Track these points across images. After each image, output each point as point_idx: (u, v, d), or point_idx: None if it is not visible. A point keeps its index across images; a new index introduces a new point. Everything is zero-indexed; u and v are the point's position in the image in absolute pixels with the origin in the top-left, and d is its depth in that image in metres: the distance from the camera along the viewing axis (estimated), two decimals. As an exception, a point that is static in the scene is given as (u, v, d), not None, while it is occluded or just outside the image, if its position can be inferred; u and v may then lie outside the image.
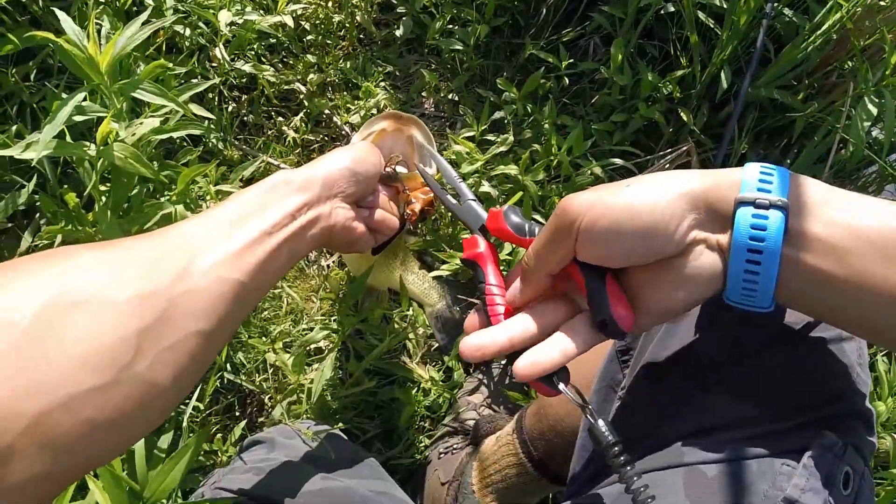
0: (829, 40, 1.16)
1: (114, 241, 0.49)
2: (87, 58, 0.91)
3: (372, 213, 0.73)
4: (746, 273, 0.46)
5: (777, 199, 0.45)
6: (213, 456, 1.05)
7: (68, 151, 0.91)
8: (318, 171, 0.65)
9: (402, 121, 0.87)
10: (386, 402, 1.12)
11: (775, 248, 0.45)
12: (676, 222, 0.47)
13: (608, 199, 0.48)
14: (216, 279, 0.50)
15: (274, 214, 0.58)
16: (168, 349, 0.46)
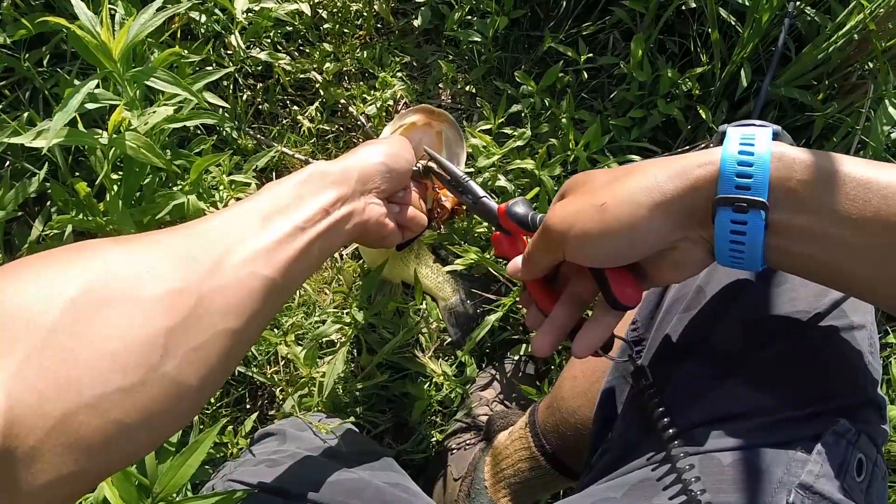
0: (851, 41, 1.15)
1: (144, 235, 0.49)
2: (100, 44, 0.89)
3: (403, 209, 0.73)
4: (732, 260, 0.48)
5: (755, 199, 0.44)
6: (223, 448, 1.05)
7: (80, 140, 0.90)
8: (353, 164, 0.64)
9: (434, 116, 0.86)
10: (398, 396, 1.11)
11: (756, 248, 0.45)
12: (654, 235, 0.48)
13: (585, 225, 0.50)
14: (248, 275, 0.49)
15: (308, 209, 0.57)
16: (196, 349, 0.45)
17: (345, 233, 0.62)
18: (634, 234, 0.48)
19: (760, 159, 0.44)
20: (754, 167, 0.44)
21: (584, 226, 0.50)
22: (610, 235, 0.48)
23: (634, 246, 0.49)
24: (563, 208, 0.52)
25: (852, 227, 0.43)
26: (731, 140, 0.46)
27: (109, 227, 0.95)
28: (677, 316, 0.65)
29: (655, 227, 0.47)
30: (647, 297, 0.72)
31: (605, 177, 0.52)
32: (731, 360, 0.58)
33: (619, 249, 0.49)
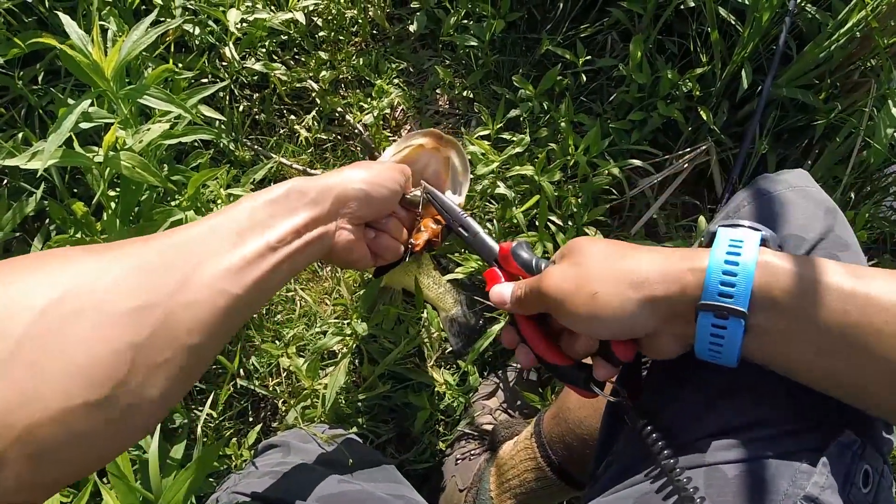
0: (853, 38, 1.13)
1: (116, 245, 0.49)
2: (92, 63, 0.89)
3: (379, 236, 0.73)
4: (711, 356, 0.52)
5: (737, 308, 0.48)
6: (227, 460, 1.05)
7: (74, 161, 0.89)
8: (332, 185, 0.65)
9: (443, 142, 0.86)
10: (400, 405, 1.11)
11: (733, 349, 0.49)
12: (640, 326, 0.52)
13: (577, 307, 0.54)
14: (216, 292, 0.50)
15: (281, 228, 0.58)
16: (161, 364, 0.46)
17: (314, 253, 0.62)
18: (621, 323, 0.52)
19: (745, 269, 0.48)
20: (738, 276, 0.48)
21: (575, 308, 0.54)
22: (598, 320, 0.53)
23: (621, 332, 0.53)
24: (560, 278, 0.56)
25: (829, 335, 0.46)
26: (720, 245, 0.50)
27: (107, 245, 0.95)
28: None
29: (641, 321, 0.52)
30: None
31: (600, 257, 0.56)
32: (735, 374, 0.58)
33: (607, 332, 0.54)
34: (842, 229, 0.62)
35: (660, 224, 1.25)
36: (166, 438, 0.99)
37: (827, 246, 0.60)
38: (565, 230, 1.15)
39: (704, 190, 1.28)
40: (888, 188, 1.25)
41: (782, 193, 0.65)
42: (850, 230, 0.63)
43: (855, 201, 1.22)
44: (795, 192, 0.65)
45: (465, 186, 0.87)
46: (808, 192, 0.65)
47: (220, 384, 1.07)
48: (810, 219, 0.62)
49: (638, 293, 0.52)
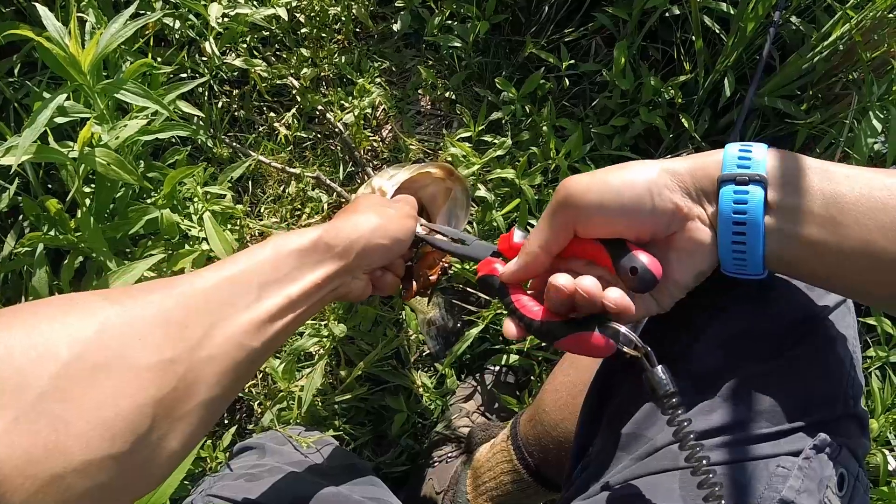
0: (836, 51, 1.14)
1: (138, 291, 0.49)
2: (69, 57, 0.87)
3: (384, 274, 0.73)
4: (734, 244, 0.50)
5: (755, 174, 0.48)
6: (202, 463, 1.04)
7: (49, 157, 0.88)
8: (357, 240, 0.64)
9: (452, 177, 0.87)
10: (378, 408, 1.11)
11: (757, 220, 0.48)
12: (666, 193, 0.51)
13: (604, 177, 0.52)
14: (236, 346, 0.51)
15: (305, 282, 0.58)
16: (182, 417, 0.47)
17: (327, 301, 0.63)
18: (648, 186, 0.51)
19: (758, 152, 0.50)
20: (752, 157, 0.49)
21: (602, 180, 0.52)
22: (628, 185, 0.51)
23: (647, 201, 0.51)
24: (577, 177, 0.53)
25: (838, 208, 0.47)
26: (731, 146, 0.51)
27: (81, 244, 0.93)
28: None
29: (666, 186, 0.51)
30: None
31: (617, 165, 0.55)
32: (711, 377, 0.58)
33: (633, 204, 0.51)
34: None
35: (640, 230, 1.25)
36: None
37: None
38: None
39: (685, 197, 1.28)
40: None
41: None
42: None
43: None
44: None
45: (464, 220, 0.87)
46: None
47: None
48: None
49: (661, 165, 0.52)
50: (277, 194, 1.17)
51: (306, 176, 1.16)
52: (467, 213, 0.90)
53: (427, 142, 1.24)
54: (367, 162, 1.21)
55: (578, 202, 0.52)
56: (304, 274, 0.59)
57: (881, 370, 1.13)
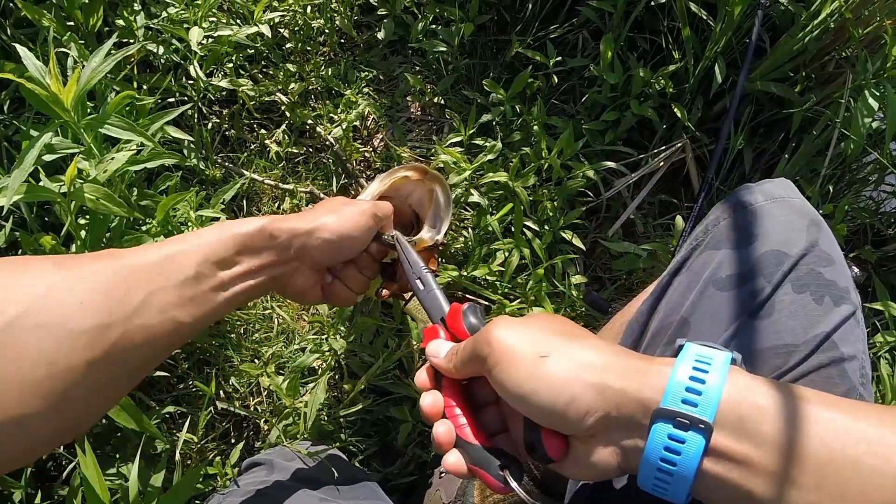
0: (827, 29, 1.11)
1: (86, 260, 0.51)
2: (51, 95, 0.88)
3: (334, 282, 0.74)
4: (655, 483, 0.43)
5: (700, 418, 0.40)
6: (212, 481, 1.06)
7: (39, 196, 0.89)
8: (301, 233, 0.65)
9: (428, 176, 0.87)
10: (383, 419, 1.11)
11: (687, 473, 0.41)
12: (577, 415, 0.44)
13: (519, 366, 0.47)
14: (167, 319, 0.54)
15: (240, 267, 0.60)
16: (109, 380, 0.51)
17: (265, 289, 0.65)
18: (561, 401, 0.45)
19: (714, 378, 0.42)
20: (704, 388, 0.41)
21: (517, 366, 0.47)
22: (537, 390, 0.46)
23: (555, 414, 0.45)
24: (510, 327, 0.49)
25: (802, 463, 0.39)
26: (687, 354, 0.44)
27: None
28: (660, 348, 0.64)
29: (582, 408, 0.44)
30: (630, 325, 0.70)
31: (559, 324, 0.50)
32: None
33: (539, 409, 0.46)
34: (826, 243, 0.59)
35: (637, 224, 1.24)
36: (147, 464, 1.00)
37: (811, 262, 0.58)
38: (541, 235, 1.14)
39: (681, 188, 1.26)
40: (867, 179, 1.24)
41: (763, 205, 0.62)
42: (835, 244, 0.60)
43: (833, 193, 1.21)
44: (777, 203, 0.62)
45: (446, 223, 0.87)
46: (790, 203, 0.62)
47: (200, 406, 1.07)
48: (793, 232, 0.59)
49: (591, 375, 0.45)
50: (272, 211, 1.18)
51: (300, 191, 1.17)
52: (449, 213, 0.89)
53: (419, 148, 1.23)
54: (360, 173, 1.21)
55: (493, 376, 0.48)
56: (241, 259, 0.60)
57: (890, 353, 1.11)
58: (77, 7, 1.04)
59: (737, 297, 0.60)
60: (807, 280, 0.57)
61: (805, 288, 0.57)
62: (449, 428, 0.53)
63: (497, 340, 0.48)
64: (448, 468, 0.53)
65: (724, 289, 0.61)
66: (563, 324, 0.51)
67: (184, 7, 1.09)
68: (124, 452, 1.02)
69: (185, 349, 1.08)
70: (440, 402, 0.55)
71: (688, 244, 0.68)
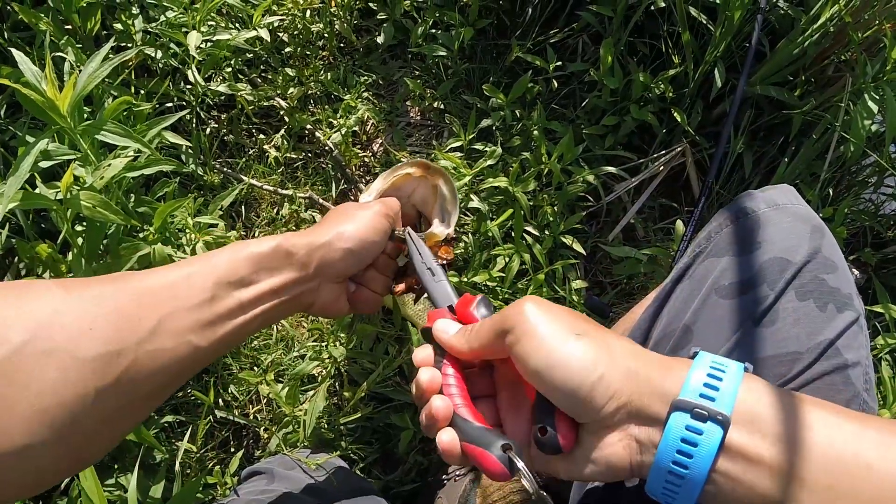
0: (827, 33, 1.11)
1: (94, 283, 0.49)
2: (47, 101, 0.87)
3: (359, 289, 0.72)
4: (667, 483, 0.43)
5: (718, 410, 0.41)
6: (212, 490, 1.05)
7: (35, 203, 0.88)
8: (319, 246, 0.63)
9: (430, 171, 0.85)
10: (384, 426, 1.11)
11: (703, 468, 0.41)
12: (606, 398, 0.44)
13: (553, 337, 0.45)
14: (182, 343, 0.51)
15: (259, 287, 0.57)
16: (120, 409, 0.48)
17: (290, 310, 0.62)
18: (589, 378, 0.44)
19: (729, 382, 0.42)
20: (723, 381, 0.42)
21: (547, 339, 0.46)
22: (567, 364, 0.44)
23: (580, 389, 0.44)
24: (539, 305, 0.48)
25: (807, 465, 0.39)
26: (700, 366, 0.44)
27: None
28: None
29: (609, 393, 0.44)
30: (632, 332, 0.69)
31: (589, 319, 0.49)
32: None
33: (565, 380, 0.44)
34: (829, 250, 0.59)
35: (638, 228, 1.23)
36: (147, 475, 0.99)
37: (814, 269, 0.58)
38: (542, 240, 1.14)
39: (681, 192, 1.26)
40: (866, 182, 1.24)
41: (766, 212, 0.62)
42: (838, 250, 0.60)
43: (833, 196, 1.21)
44: (780, 210, 0.62)
45: (455, 216, 0.85)
46: (793, 209, 0.62)
47: (199, 415, 1.06)
48: (796, 239, 0.59)
49: (623, 360, 0.45)
50: (271, 217, 1.17)
51: (299, 197, 1.16)
52: (457, 206, 0.87)
53: (418, 153, 1.23)
54: (360, 178, 1.20)
55: (516, 351, 0.47)
56: (259, 279, 0.58)
57: (891, 356, 1.11)
58: (74, 11, 1.03)
59: (740, 305, 0.59)
60: (810, 287, 0.57)
61: (808, 295, 0.57)
62: (447, 403, 0.51)
63: (530, 312, 0.47)
64: (441, 446, 0.50)
65: (727, 296, 0.60)
66: (585, 317, 0.50)
67: (182, 11, 1.08)
68: (123, 463, 1.01)
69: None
70: (439, 379, 0.53)
71: (690, 251, 0.68)
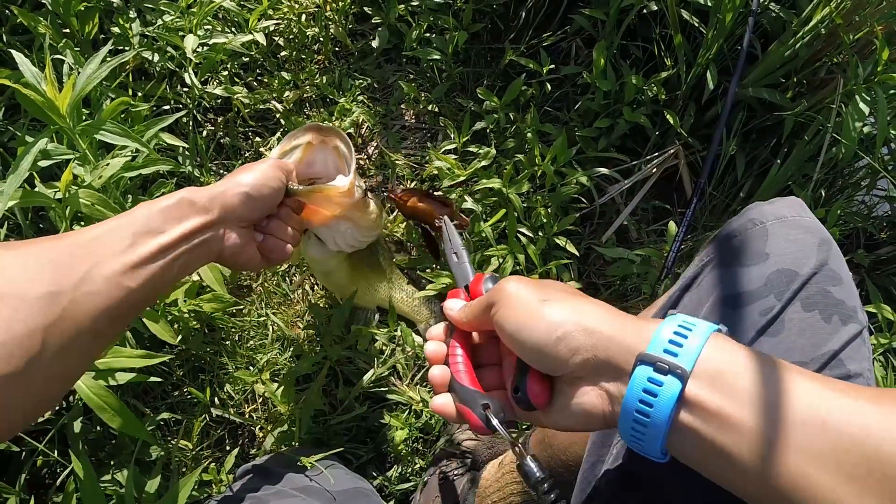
0: (818, 35, 1.12)
1: (32, 243, 0.56)
2: (47, 101, 0.88)
3: (267, 239, 0.78)
4: (633, 431, 0.46)
5: (678, 364, 0.44)
6: (207, 488, 1.05)
7: (34, 201, 0.89)
8: (219, 193, 0.70)
9: (324, 132, 0.86)
10: (378, 426, 1.11)
11: (662, 418, 0.44)
12: (570, 353, 0.48)
13: (523, 305, 0.52)
14: (114, 285, 0.58)
15: (172, 234, 0.64)
16: (67, 344, 0.54)
17: (203, 255, 0.69)
18: (552, 337, 0.49)
19: (694, 340, 0.45)
20: (686, 343, 0.45)
21: (517, 307, 0.52)
22: (532, 327, 0.50)
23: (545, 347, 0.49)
24: (516, 281, 0.54)
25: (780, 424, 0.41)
26: (670, 322, 0.47)
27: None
28: None
29: (575, 347, 0.48)
30: None
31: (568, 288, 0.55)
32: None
33: (532, 341, 0.50)
34: (836, 262, 0.60)
35: (631, 230, 1.24)
36: (143, 472, 0.99)
37: (820, 281, 0.58)
38: (535, 241, 1.15)
39: (674, 193, 1.27)
40: (858, 183, 1.24)
41: (774, 224, 0.63)
42: (843, 263, 0.61)
43: (826, 198, 1.22)
44: (787, 223, 0.63)
45: (353, 164, 0.86)
46: (801, 221, 0.63)
47: (195, 414, 1.06)
48: (804, 252, 0.60)
49: (584, 320, 0.49)
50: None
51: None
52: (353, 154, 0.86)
53: (413, 156, 1.24)
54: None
55: (495, 317, 0.53)
56: (171, 226, 0.64)
57: (884, 356, 1.11)
58: (73, 14, 1.05)
59: (747, 315, 0.60)
60: (816, 299, 0.58)
61: (814, 307, 0.57)
62: (444, 371, 0.59)
63: (506, 288, 0.54)
64: (435, 408, 0.58)
65: (734, 306, 0.61)
66: (569, 288, 0.55)
67: (179, 15, 1.10)
68: (119, 459, 1.01)
69: (179, 356, 1.08)
70: (443, 351, 0.61)
71: (698, 260, 0.68)
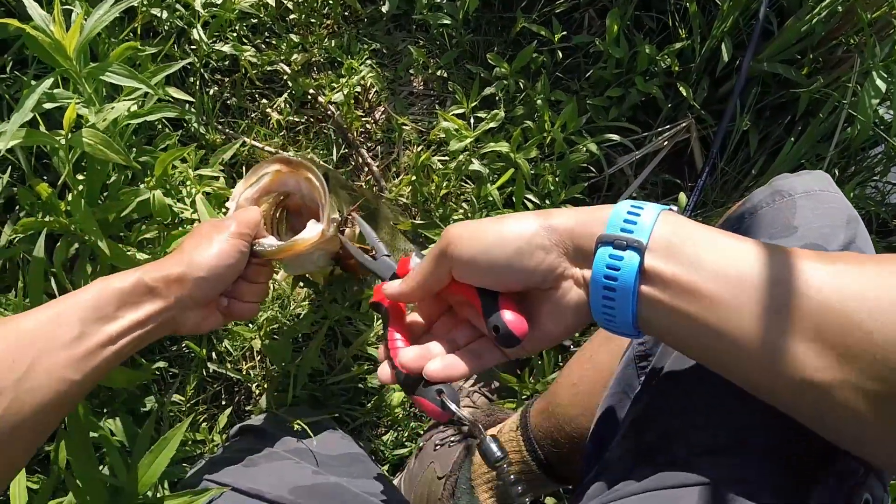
0: (835, 13, 1.10)
1: None
2: (54, 42, 0.88)
3: (231, 303, 0.76)
4: (604, 308, 0.49)
5: (635, 239, 0.47)
6: (200, 445, 1.04)
7: (37, 140, 0.89)
8: (175, 278, 0.67)
9: (294, 164, 0.81)
10: (375, 388, 1.10)
11: (627, 287, 0.47)
12: (539, 255, 0.50)
13: (481, 228, 0.52)
14: (58, 380, 0.57)
15: (124, 321, 0.62)
16: (8, 442, 0.54)
17: (157, 334, 0.67)
18: (521, 245, 0.50)
19: (648, 215, 0.48)
20: (639, 220, 0.48)
21: (478, 231, 0.52)
22: (499, 244, 0.51)
23: (520, 260, 0.50)
24: (459, 226, 0.54)
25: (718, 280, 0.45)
26: (623, 204, 0.50)
27: (73, 226, 0.94)
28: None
29: (542, 245, 0.50)
30: None
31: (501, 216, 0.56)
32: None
33: (493, 262, 0.51)
34: (863, 241, 0.59)
35: (639, 203, 1.22)
36: (137, 423, 0.98)
37: None
38: (542, 209, 1.13)
39: (685, 167, 1.25)
40: (873, 168, 1.22)
41: (801, 197, 0.62)
42: (870, 242, 0.60)
43: (839, 180, 1.20)
44: (816, 197, 0.62)
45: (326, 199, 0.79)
46: (829, 197, 0.62)
47: (192, 368, 1.06)
48: (832, 228, 0.59)
49: (540, 222, 0.50)
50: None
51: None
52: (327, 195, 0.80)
53: (420, 121, 1.23)
54: (361, 143, 1.21)
55: (453, 253, 0.53)
56: (124, 313, 0.63)
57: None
58: (82, -35, 1.05)
59: None
60: None
61: None
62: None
63: (453, 228, 0.54)
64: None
65: None
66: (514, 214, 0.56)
67: (190, -30, 1.09)
68: (111, 408, 1.00)
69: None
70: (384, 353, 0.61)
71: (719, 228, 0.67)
